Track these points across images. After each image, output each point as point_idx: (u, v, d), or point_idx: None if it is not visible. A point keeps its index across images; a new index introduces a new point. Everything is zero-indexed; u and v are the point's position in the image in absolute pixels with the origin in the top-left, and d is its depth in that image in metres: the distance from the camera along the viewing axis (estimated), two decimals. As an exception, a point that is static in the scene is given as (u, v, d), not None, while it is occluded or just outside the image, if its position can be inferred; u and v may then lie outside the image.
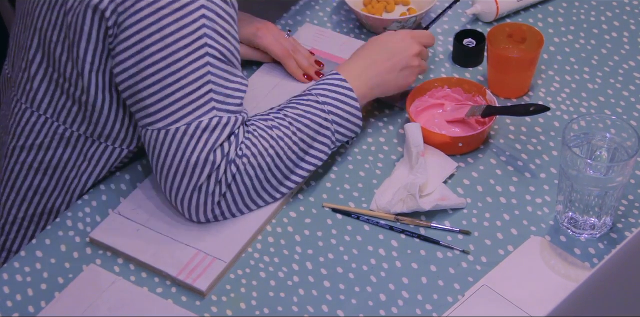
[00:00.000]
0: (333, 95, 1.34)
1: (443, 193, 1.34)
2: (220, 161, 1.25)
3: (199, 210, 1.28)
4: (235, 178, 1.27)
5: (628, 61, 1.54)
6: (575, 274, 1.25)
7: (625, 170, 1.21)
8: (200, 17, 1.21)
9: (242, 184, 1.28)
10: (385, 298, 1.25)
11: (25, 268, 1.30)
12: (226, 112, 1.25)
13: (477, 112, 1.40)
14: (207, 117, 1.24)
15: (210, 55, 1.23)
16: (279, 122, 1.31)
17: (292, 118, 1.31)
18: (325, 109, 1.32)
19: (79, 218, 1.36)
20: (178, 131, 1.23)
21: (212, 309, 1.25)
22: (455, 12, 1.64)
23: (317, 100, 1.33)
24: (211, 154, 1.24)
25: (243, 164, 1.27)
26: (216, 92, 1.24)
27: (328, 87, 1.34)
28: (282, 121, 1.31)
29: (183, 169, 1.25)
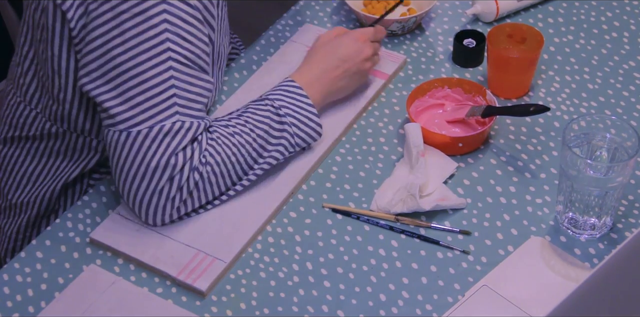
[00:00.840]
0: (290, 100, 1.34)
1: (443, 193, 1.34)
2: (182, 166, 1.24)
3: (156, 213, 1.28)
4: (198, 185, 1.27)
5: (628, 61, 1.54)
6: (575, 274, 1.25)
7: (625, 170, 1.21)
8: (161, 21, 1.21)
9: (203, 191, 1.28)
10: (385, 298, 1.25)
11: (25, 268, 1.30)
12: (189, 117, 1.25)
13: (477, 112, 1.40)
14: (170, 121, 1.23)
15: (173, 60, 1.23)
16: (240, 128, 1.31)
17: (253, 124, 1.31)
18: (281, 113, 1.33)
19: (79, 219, 1.36)
20: (140, 134, 1.23)
21: (212, 309, 1.25)
22: (455, 12, 1.64)
23: (273, 104, 1.33)
24: (172, 158, 1.24)
25: (207, 172, 1.27)
26: (179, 97, 1.24)
27: (284, 93, 1.35)
28: (243, 127, 1.31)
29: (143, 171, 1.24)
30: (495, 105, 1.41)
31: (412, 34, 1.61)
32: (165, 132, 1.23)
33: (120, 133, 1.24)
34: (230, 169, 1.29)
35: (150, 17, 1.20)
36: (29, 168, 1.42)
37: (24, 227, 1.46)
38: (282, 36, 1.61)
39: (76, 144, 1.39)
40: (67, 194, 1.44)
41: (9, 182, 1.44)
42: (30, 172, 1.42)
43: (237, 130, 1.30)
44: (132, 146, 1.24)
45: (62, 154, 1.40)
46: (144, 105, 1.23)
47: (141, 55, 1.21)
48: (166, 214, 1.28)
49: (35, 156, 1.41)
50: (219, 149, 1.28)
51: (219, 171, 1.28)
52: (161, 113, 1.23)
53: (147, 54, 1.21)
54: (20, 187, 1.43)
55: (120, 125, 1.24)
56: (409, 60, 1.56)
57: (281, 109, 1.33)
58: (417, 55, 1.57)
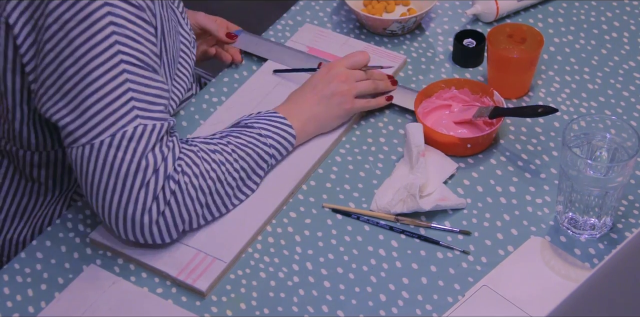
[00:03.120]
0: (274, 129, 1.35)
1: (443, 193, 1.34)
2: (153, 169, 1.21)
3: (135, 227, 1.23)
4: (176, 196, 1.23)
5: (628, 61, 1.54)
6: (575, 274, 1.25)
7: (625, 170, 1.21)
8: (107, 24, 1.17)
9: (182, 203, 1.24)
10: (385, 298, 1.25)
11: (25, 269, 1.30)
12: (150, 120, 1.21)
13: (484, 113, 1.40)
14: (132, 125, 1.20)
15: (125, 62, 1.19)
16: (222, 147, 1.29)
17: (235, 146, 1.30)
18: (267, 143, 1.33)
19: (79, 220, 1.36)
20: (103, 144, 1.19)
21: (212, 309, 1.25)
22: (455, 12, 1.64)
23: (260, 133, 1.33)
24: (142, 161, 1.20)
25: (184, 183, 1.23)
26: (137, 100, 1.20)
27: (268, 122, 1.35)
28: (225, 147, 1.30)
29: (113, 182, 1.20)
30: (502, 106, 1.40)
31: (412, 34, 1.61)
32: (129, 138, 1.19)
33: (84, 147, 1.20)
34: (211, 185, 1.26)
35: (95, 21, 1.17)
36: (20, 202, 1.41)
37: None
38: (282, 36, 1.61)
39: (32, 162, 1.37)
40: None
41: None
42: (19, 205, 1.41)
43: (217, 148, 1.29)
44: (97, 158, 1.20)
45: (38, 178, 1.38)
46: (103, 114, 1.19)
47: (92, 62, 1.18)
48: (145, 228, 1.23)
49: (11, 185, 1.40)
50: (198, 161, 1.25)
51: (197, 184, 1.24)
52: (121, 119, 1.19)
53: (98, 60, 1.18)
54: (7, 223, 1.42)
55: (81, 139, 1.20)
56: (409, 61, 1.56)
57: (268, 138, 1.33)
58: (417, 55, 1.57)
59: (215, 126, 1.44)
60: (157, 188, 1.21)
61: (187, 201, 1.24)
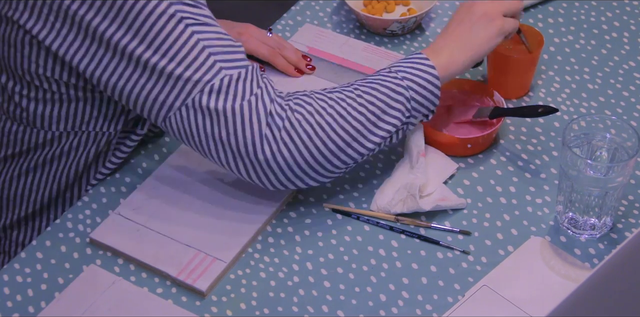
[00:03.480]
0: (409, 65, 1.27)
1: (443, 193, 1.34)
2: (249, 109, 1.20)
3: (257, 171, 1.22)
4: (289, 133, 1.21)
5: (628, 61, 1.54)
6: (575, 274, 1.25)
7: (625, 170, 1.21)
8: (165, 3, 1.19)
9: (299, 140, 1.21)
10: (385, 298, 1.25)
11: (25, 269, 1.30)
12: (234, 69, 1.22)
13: (484, 113, 1.40)
14: (218, 78, 1.20)
15: (190, 25, 1.20)
16: (341, 88, 1.26)
17: (359, 84, 1.26)
18: (398, 76, 1.25)
19: (79, 220, 1.36)
20: (195, 101, 1.20)
21: (212, 309, 1.25)
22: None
23: (390, 70, 1.27)
24: (235, 106, 1.20)
25: (297, 120, 1.21)
26: (215, 54, 1.21)
27: (406, 63, 1.28)
28: (346, 87, 1.25)
29: (218, 133, 1.20)
30: (503, 106, 1.40)
31: (412, 34, 1.61)
32: (217, 90, 1.20)
33: (180, 111, 1.21)
34: (331, 121, 1.22)
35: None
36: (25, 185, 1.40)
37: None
38: (282, 36, 1.61)
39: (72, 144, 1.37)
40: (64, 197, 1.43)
41: (2, 202, 1.42)
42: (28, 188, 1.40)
43: (337, 90, 1.25)
44: (195, 115, 1.21)
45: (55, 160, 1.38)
46: (186, 75, 1.20)
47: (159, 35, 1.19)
48: (267, 170, 1.22)
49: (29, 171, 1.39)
50: (309, 100, 1.23)
51: (313, 120, 1.21)
52: (206, 74, 1.20)
53: (165, 31, 1.19)
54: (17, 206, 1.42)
55: (175, 103, 1.21)
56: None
57: (399, 72, 1.26)
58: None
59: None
60: (262, 126, 1.21)
61: (304, 138, 1.21)
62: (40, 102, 1.32)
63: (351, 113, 1.23)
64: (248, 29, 1.52)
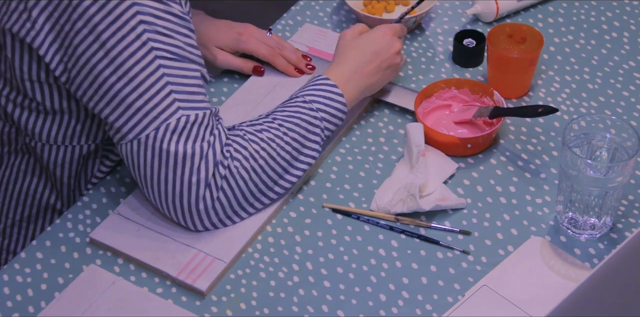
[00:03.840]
0: (320, 94, 1.34)
1: (443, 193, 1.34)
2: (201, 157, 1.23)
3: (193, 216, 1.26)
4: (228, 181, 1.25)
5: (628, 61, 1.54)
6: (575, 274, 1.25)
7: (625, 170, 1.21)
8: (137, 23, 1.20)
9: (236, 187, 1.27)
10: (385, 298, 1.25)
11: (25, 269, 1.30)
12: (192, 110, 1.24)
13: (484, 113, 1.40)
14: (174, 117, 1.22)
15: (160, 57, 1.21)
16: (267, 125, 1.30)
17: (281, 119, 1.31)
18: (313, 107, 1.32)
19: (79, 220, 1.36)
20: (149, 138, 1.22)
21: (212, 309, 1.25)
22: (455, 12, 1.64)
23: (305, 100, 1.33)
24: (188, 151, 1.22)
25: (235, 167, 1.25)
26: (177, 92, 1.23)
27: (317, 91, 1.34)
28: (271, 124, 1.30)
29: (164, 173, 1.23)
30: (502, 106, 1.40)
31: (412, 34, 1.61)
32: (172, 130, 1.22)
33: (132, 143, 1.23)
34: (263, 164, 1.28)
35: (125, 22, 1.19)
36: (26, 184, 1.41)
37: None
38: (282, 36, 1.61)
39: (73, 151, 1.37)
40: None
41: (5, 201, 1.42)
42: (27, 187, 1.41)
43: (264, 127, 1.30)
44: (145, 151, 1.23)
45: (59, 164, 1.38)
46: (145, 109, 1.22)
47: (127, 62, 1.20)
48: (202, 215, 1.26)
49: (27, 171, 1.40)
50: (246, 144, 1.27)
51: (249, 165, 1.26)
52: (164, 112, 1.22)
53: (133, 59, 1.20)
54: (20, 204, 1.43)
55: (128, 135, 1.23)
56: (409, 61, 1.56)
57: (313, 103, 1.32)
58: (417, 55, 1.57)
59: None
60: (208, 175, 1.24)
61: (240, 184, 1.26)
62: (25, 110, 1.32)
63: (280, 153, 1.29)
64: (248, 29, 1.52)
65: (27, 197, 1.41)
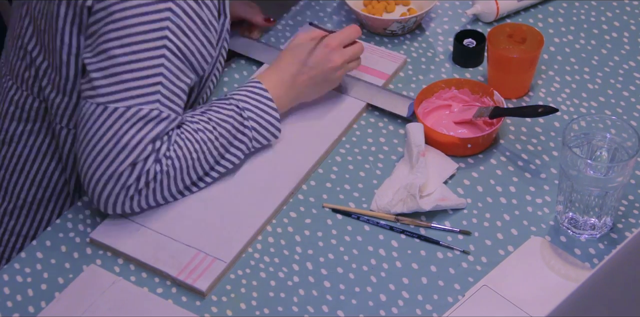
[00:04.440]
0: (254, 102, 1.34)
1: (443, 193, 1.34)
2: (147, 155, 1.24)
3: (109, 199, 1.27)
4: (156, 177, 1.27)
5: (628, 61, 1.54)
6: (575, 274, 1.25)
7: (625, 170, 1.21)
8: (165, 9, 1.21)
9: (159, 182, 1.28)
10: (385, 298, 1.25)
11: (25, 269, 1.30)
12: (167, 109, 1.25)
13: (484, 113, 1.40)
14: (149, 107, 1.24)
15: (167, 49, 1.23)
16: (204, 125, 1.31)
17: (216, 122, 1.31)
18: (244, 115, 1.33)
19: (79, 219, 1.36)
20: (116, 111, 1.23)
21: (212, 309, 1.25)
22: (455, 12, 1.64)
23: (238, 105, 1.33)
24: (140, 145, 1.23)
25: (167, 165, 1.27)
26: (164, 86, 1.24)
27: (249, 94, 1.35)
28: (207, 125, 1.31)
29: (108, 150, 1.24)
30: (503, 106, 1.40)
31: (412, 34, 1.61)
32: (141, 116, 1.23)
33: (97, 106, 1.23)
34: (190, 165, 1.29)
35: (155, 2, 1.21)
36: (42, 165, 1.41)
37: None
38: (282, 36, 1.61)
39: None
40: None
41: (20, 180, 1.43)
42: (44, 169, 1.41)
43: (200, 127, 1.30)
44: (105, 121, 1.23)
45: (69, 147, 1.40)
46: (129, 84, 1.23)
47: (139, 36, 1.22)
48: (118, 202, 1.27)
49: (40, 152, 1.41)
50: (182, 143, 1.28)
51: (178, 165, 1.28)
52: (143, 96, 1.23)
53: (143, 36, 1.22)
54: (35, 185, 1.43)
55: (99, 98, 1.23)
56: (409, 60, 1.56)
57: (244, 111, 1.33)
58: (417, 55, 1.57)
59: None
60: (143, 170, 1.25)
61: (164, 180, 1.28)
62: (55, 88, 1.34)
63: (207, 157, 1.31)
64: None
65: (43, 178, 1.42)
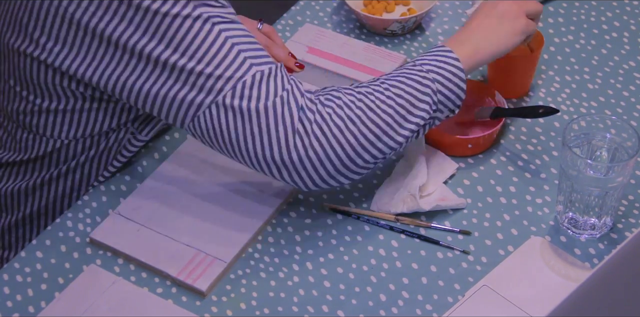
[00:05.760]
0: (433, 58, 1.26)
1: (443, 193, 1.34)
2: (282, 104, 1.18)
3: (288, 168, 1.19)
4: (320, 125, 1.19)
5: (628, 61, 1.54)
6: (575, 274, 1.25)
7: (625, 170, 1.21)
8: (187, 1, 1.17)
9: (331, 135, 1.19)
10: (385, 298, 1.25)
11: (25, 268, 1.30)
12: (264, 65, 1.20)
13: (485, 113, 1.40)
14: (249, 74, 1.19)
15: (217, 23, 1.18)
16: (368, 83, 1.25)
17: (384, 78, 1.24)
18: (423, 69, 1.24)
19: (79, 219, 1.36)
20: (226, 97, 1.18)
21: (212, 309, 1.25)
22: (455, 12, 1.64)
23: (414, 63, 1.26)
24: (268, 102, 1.18)
25: (328, 113, 1.19)
26: (245, 50, 1.20)
27: (430, 56, 1.27)
28: (373, 82, 1.24)
29: (249, 130, 1.18)
30: (504, 106, 1.40)
31: (412, 34, 1.61)
32: (249, 86, 1.18)
33: (209, 110, 1.19)
34: (361, 114, 1.20)
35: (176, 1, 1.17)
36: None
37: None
38: (282, 36, 1.61)
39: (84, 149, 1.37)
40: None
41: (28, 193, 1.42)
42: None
43: (364, 84, 1.24)
44: (226, 113, 1.19)
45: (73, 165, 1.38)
46: (216, 73, 1.18)
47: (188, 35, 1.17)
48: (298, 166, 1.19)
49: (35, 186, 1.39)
50: (338, 94, 1.21)
51: (343, 114, 1.19)
52: (237, 71, 1.18)
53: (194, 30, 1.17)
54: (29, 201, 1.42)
55: (204, 103, 1.19)
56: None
57: (422, 66, 1.24)
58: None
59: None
60: (294, 120, 1.18)
61: (335, 132, 1.20)
62: (51, 113, 1.31)
63: (380, 106, 1.21)
64: None
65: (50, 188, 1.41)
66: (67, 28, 1.21)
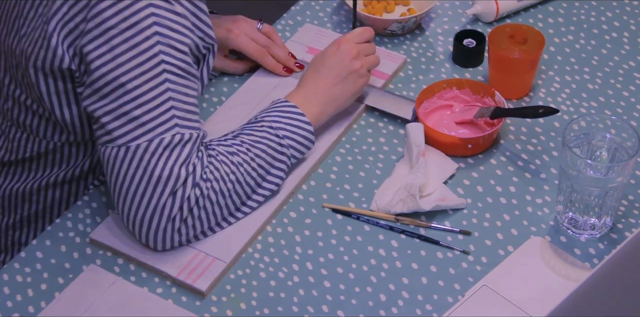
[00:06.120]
0: (286, 121, 1.32)
1: (443, 193, 1.34)
2: (185, 179, 1.21)
3: (157, 235, 1.25)
4: (198, 202, 1.24)
5: (628, 61, 1.54)
6: (575, 274, 1.25)
7: (625, 170, 1.21)
8: (152, 34, 1.18)
9: (203, 208, 1.25)
10: (385, 298, 1.25)
11: (25, 268, 1.30)
12: (187, 129, 1.22)
13: (485, 113, 1.40)
14: (170, 133, 1.21)
15: (167, 72, 1.20)
16: (237, 148, 1.29)
17: (249, 144, 1.29)
18: (279, 134, 1.31)
19: (79, 219, 1.36)
20: (139, 147, 1.20)
21: (212, 309, 1.25)
22: (455, 12, 1.64)
23: (271, 125, 1.31)
24: (174, 170, 1.21)
25: (206, 189, 1.24)
26: (177, 109, 1.21)
27: (279, 114, 1.33)
28: (240, 147, 1.29)
29: (144, 187, 1.21)
30: (504, 106, 1.40)
31: (412, 34, 1.61)
32: (165, 145, 1.20)
33: (119, 149, 1.21)
34: (231, 188, 1.27)
35: (140, 30, 1.17)
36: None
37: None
38: (282, 36, 1.61)
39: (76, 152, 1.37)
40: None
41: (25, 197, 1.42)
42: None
43: (234, 150, 1.28)
44: (131, 161, 1.21)
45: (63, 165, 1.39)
46: (142, 119, 1.20)
47: (134, 70, 1.19)
48: (167, 236, 1.25)
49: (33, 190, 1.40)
50: (218, 165, 1.26)
51: (218, 188, 1.25)
52: (160, 126, 1.20)
53: (141, 68, 1.19)
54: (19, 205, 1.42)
55: (118, 140, 1.21)
56: (409, 61, 1.56)
57: (279, 131, 1.31)
58: (417, 55, 1.57)
59: (216, 126, 1.44)
60: (184, 197, 1.22)
61: (207, 206, 1.25)
62: (43, 116, 1.32)
63: (246, 179, 1.28)
64: (237, 24, 1.51)
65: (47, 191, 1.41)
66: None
